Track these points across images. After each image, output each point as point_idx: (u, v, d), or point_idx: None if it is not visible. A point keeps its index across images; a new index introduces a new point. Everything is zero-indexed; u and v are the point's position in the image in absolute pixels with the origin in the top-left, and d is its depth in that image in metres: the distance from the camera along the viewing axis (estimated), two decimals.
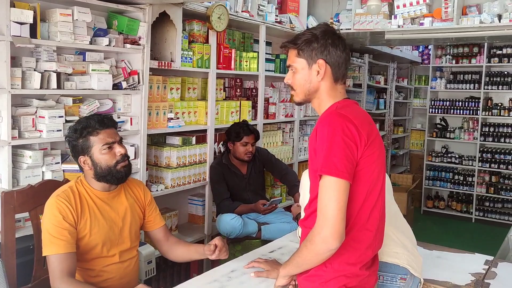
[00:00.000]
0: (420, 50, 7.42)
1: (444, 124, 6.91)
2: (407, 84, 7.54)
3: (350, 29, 4.41)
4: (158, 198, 2.51)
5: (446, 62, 6.81)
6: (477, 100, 6.52)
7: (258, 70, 3.93)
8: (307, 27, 4.48)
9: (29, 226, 2.23)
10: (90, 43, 2.61)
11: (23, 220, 2.36)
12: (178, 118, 3.24)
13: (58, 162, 2.54)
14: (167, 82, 3.21)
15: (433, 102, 6.87)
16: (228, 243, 3.28)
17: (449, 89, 6.79)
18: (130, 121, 2.85)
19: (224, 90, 3.79)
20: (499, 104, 6.45)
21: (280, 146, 4.30)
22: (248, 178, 3.50)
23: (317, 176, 1.50)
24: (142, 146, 2.92)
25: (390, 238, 1.83)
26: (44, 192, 1.99)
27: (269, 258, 2.07)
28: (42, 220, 1.85)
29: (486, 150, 6.43)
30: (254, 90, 4.03)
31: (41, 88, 2.39)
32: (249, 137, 3.39)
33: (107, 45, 2.68)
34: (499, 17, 3.83)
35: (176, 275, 3.23)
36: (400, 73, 7.45)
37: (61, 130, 2.46)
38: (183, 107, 3.33)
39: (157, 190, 3.08)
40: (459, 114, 6.66)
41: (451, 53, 6.75)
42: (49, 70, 2.43)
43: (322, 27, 1.63)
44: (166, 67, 3.07)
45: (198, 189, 3.63)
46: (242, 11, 3.71)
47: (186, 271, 3.24)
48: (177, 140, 3.33)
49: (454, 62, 6.75)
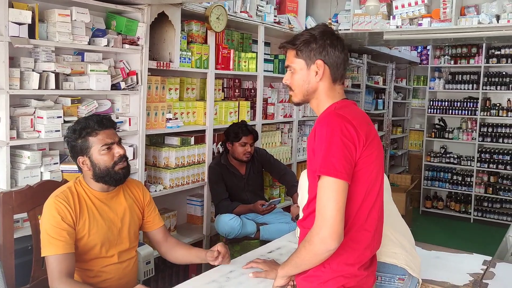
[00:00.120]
0: (418, 50, 7.42)
1: (442, 124, 6.92)
2: (406, 84, 7.55)
3: (348, 29, 4.42)
4: (156, 199, 2.51)
5: (444, 63, 6.82)
6: (475, 100, 6.53)
7: (256, 71, 3.93)
8: (306, 28, 4.49)
9: (27, 227, 2.23)
10: (89, 44, 2.61)
11: (22, 220, 2.36)
12: (176, 119, 3.24)
13: (57, 163, 2.54)
14: (166, 83, 3.21)
15: (431, 102, 6.88)
16: (226, 244, 3.30)
17: (447, 89, 6.81)
18: (128, 121, 2.85)
19: (222, 91, 3.79)
20: (498, 104, 6.46)
21: (278, 147, 4.30)
22: (246, 178, 3.50)
23: (315, 176, 1.50)
24: (141, 147, 2.92)
25: (388, 238, 1.83)
26: (42, 192, 1.99)
27: (267, 259, 2.07)
28: (40, 220, 1.85)
29: (484, 150, 6.45)
30: (252, 91, 4.03)
31: (39, 88, 2.39)
32: (247, 137, 3.39)
33: (106, 45, 2.68)
34: (497, 17, 3.83)
35: (174, 276, 3.23)
36: (398, 73, 7.45)
37: (59, 131, 2.46)
38: (182, 108, 3.33)
39: (155, 191, 3.08)
40: (458, 114, 6.67)
41: (450, 53, 6.77)
42: (47, 71, 2.43)
43: (321, 28, 1.63)
44: (165, 68, 3.08)
45: (196, 189, 3.63)
46: (240, 12, 3.71)
47: (185, 272, 3.24)
48: (175, 140, 3.32)
49: (452, 62, 6.77)
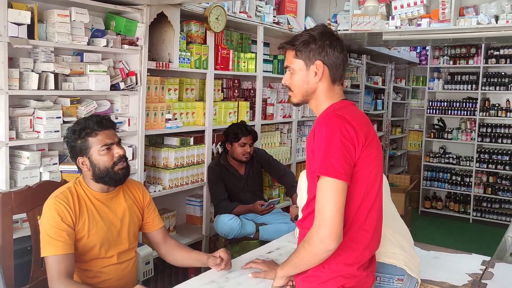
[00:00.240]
0: (417, 51, 7.42)
1: (441, 124, 6.93)
2: (405, 84, 7.56)
3: (347, 30, 4.42)
4: (156, 199, 2.50)
5: (443, 63, 6.83)
6: (474, 100, 6.54)
7: (256, 71, 3.94)
8: (305, 28, 4.50)
9: (26, 227, 2.23)
10: (88, 44, 2.61)
11: (21, 221, 2.36)
12: (176, 119, 3.24)
13: (56, 163, 2.54)
14: (165, 83, 3.21)
15: (430, 102, 6.89)
16: (226, 244, 3.30)
17: (446, 89, 6.82)
18: (128, 122, 2.85)
19: (222, 91, 3.79)
20: (497, 104, 6.47)
21: (278, 147, 4.30)
22: (246, 178, 3.50)
23: (315, 177, 1.50)
24: (140, 147, 2.92)
25: (387, 238, 1.84)
26: (41, 193, 1.98)
27: (266, 259, 2.07)
28: (40, 221, 1.85)
29: (483, 150, 6.45)
30: (252, 91, 4.03)
31: (38, 89, 2.39)
32: (247, 137, 3.39)
33: (105, 46, 2.68)
34: (496, 18, 3.84)
35: (174, 276, 3.23)
36: (398, 73, 7.46)
37: (58, 131, 2.46)
38: (181, 108, 3.33)
39: (155, 191, 3.08)
40: (457, 114, 6.67)
41: (449, 54, 6.78)
42: (46, 71, 2.43)
43: (320, 28, 1.63)
44: (164, 68, 3.08)
45: (196, 189, 3.63)
46: (240, 12, 3.71)
47: (184, 272, 3.24)
48: (175, 141, 3.32)
49: (451, 63, 6.78)
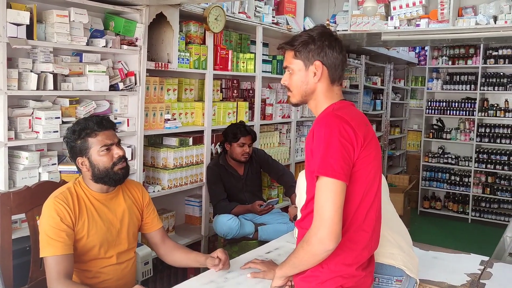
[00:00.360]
0: (416, 51, 7.44)
1: (440, 125, 6.93)
2: (404, 85, 7.57)
3: (346, 30, 4.42)
4: (155, 199, 2.51)
5: (442, 63, 6.84)
6: (473, 101, 6.55)
7: (255, 71, 3.94)
8: (304, 29, 4.50)
9: (25, 227, 2.22)
10: (87, 44, 2.61)
11: (20, 221, 2.36)
12: (175, 119, 3.24)
13: (55, 163, 2.54)
14: (164, 83, 3.21)
15: (429, 103, 6.89)
16: (225, 244, 3.30)
17: (445, 90, 6.83)
18: (127, 122, 2.85)
19: (221, 91, 3.79)
20: (495, 105, 6.48)
21: (277, 147, 4.30)
22: (245, 179, 3.51)
23: (313, 177, 1.50)
24: (139, 147, 2.92)
25: (386, 239, 1.84)
26: (40, 193, 1.98)
27: (265, 259, 2.07)
28: (39, 221, 1.85)
29: (482, 151, 6.46)
30: (251, 91, 4.03)
31: (37, 89, 2.39)
32: (246, 138, 3.39)
33: (104, 46, 2.68)
34: (495, 18, 3.84)
35: (173, 276, 3.23)
36: (396, 74, 7.47)
37: (57, 131, 2.46)
38: (180, 108, 3.33)
39: (154, 191, 3.08)
40: (456, 115, 6.68)
41: (447, 54, 6.79)
42: (45, 71, 2.43)
43: (319, 29, 1.64)
44: (163, 68, 3.08)
45: (195, 190, 3.63)
46: (239, 12, 3.71)
47: (183, 272, 3.24)
48: (174, 141, 3.32)
49: (450, 63, 6.79)
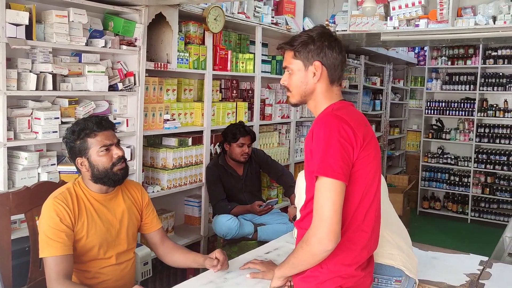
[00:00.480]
0: (416, 51, 7.44)
1: (440, 125, 6.94)
2: (403, 85, 7.57)
3: (346, 30, 4.42)
4: (154, 199, 2.50)
5: (441, 64, 6.84)
6: (472, 101, 6.55)
7: (254, 72, 3.94)
8: (303, 29, 4.51)
9: (24, 228, 2.23)
10: (86, 45, 2.61)
11: (19, 221, 2.36)
12: (174, 120, 3.24)
13: (54, 164, 2.53)
14: (163, 84, 3.21)
15: (429, 103, 6.89)
16: (224, 244, 3.30)
17: (444, 90, 6.83)
18: (126, 122, 2.85)
19: (220, 92, 3.79)
20: (494, 105, 6.48)
21: (276, 147, 4.30)
22: (244, 179, 3.51)
23: (313, 177, 1.51)
24: (138, 148, 2.92)
25: (385, 239, 1.84)
26: (39, 193, 1.98)
27: (265, 259, 2.07)
28: (39, 221, 1.85)
29: (481, 151, 6.46)
30: (250, 92, 4.03)
31: (36, 89, 2.39)
32: (245, 138, 3.39)
33: (103, 46, 2.68)
34: (494, 18, 3.85)
35: (172, 277, 3.23)
36: (396, 74, 7.48)
37: (57, 132, 2.46)
38: (179, 109, 3.33)
39: (153, 192, 3.08)
40: (455, 115, 6.68)
41: (447, 54, 6.79)
42: (45, 72, 2.43)
43: (319, 29, 1.64)
44: (162, 69, 3.08)
45: (194, 190, 3.63)
46: (238, 13, 3.71)
47: (183, 273, 3.24)
48: (173, 141, 3.32)
49: (449, 63, 6.79)
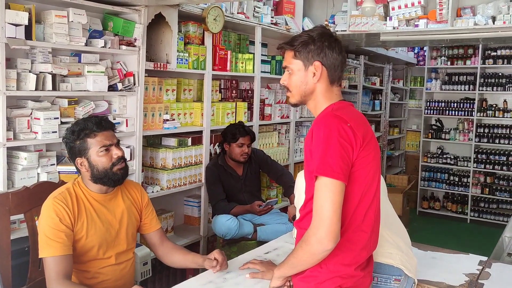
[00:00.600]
0: (415, 51, 7.45)
1: (439, 125, 6.94)
2: (403, 85, 7.57)
3: (345, 30, 4.43)
4: (153, 200, 2.51)
5: (441, 64, 6.84)
6: (472, 101, 6.55)
7: (254, 72, 3.94)
8: (303, 29, 4.51)
9: (24, 228, 2.23)
10: (86, 45, 2.61)
11: (18, 222, 2.36)
12: (173, 120, 3.24)
13: (54, 164, 2.53)
14: (163, 84, 3.21)
15: (428, 103, 6.90)
16: (224, 244, 3.30)
17: (444, 90, 6.83)
18: (125, 122, 2.85)
19: (220, 92, 3.79)
20: (494, 105, 6.48)
21: (276, 147, 4.30)
22: (244, 179, 3.51)
23: (312, 177, 1.51)
24: (138, 148, 2.92)
25: (384, 239, 1.84)
26: (39, 193, 1.98)
27: (264, 259, 2.07)
28: (38, 221, 1.85)
29: (481, 151, 6.46)
30: (250, 92, 4.03)
31: (36, 89, 2.39)
32: (245, 138, 3.39)
33: (103, 46, 2.68)
34: (493, 19, 3.85)
35: (172, 277, 3.23)
36: (395, 74, 7.48)
37: (56, 132, 2.46)
38: (179, 109, 3.33)
39: (152, 192, 3.08)
40: (454, 115, 6.69)
41: (446, 54, 6.79)
42: (44, 72, 2.43)
43: (319, 29, 1.64)
44: (162, 69, 3.08)
45: (194, 190, 3.63)
46: (237, 13, 3.71)
47: (182, 273, 3.24)
48: (172, 141, 3.32)
49: (449, 63, 6.79)
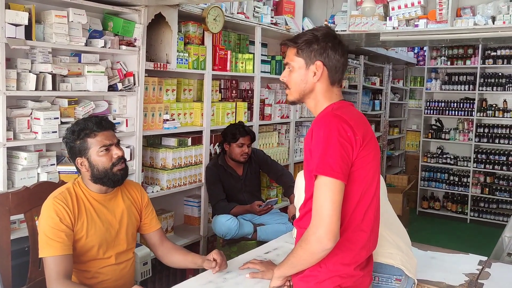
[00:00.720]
0: (415, 51, 7.44)
1: (439, 125, 6.94)
2: (403, 85, 7.57)
3: (345, 30, 4.42)
4: (153, 200, 2.51)
5: (441, 64, 6.85)
6: (472, 101, 6.55)
7: (253, 72, 3.94)
8: (303, 29, 4.51)
9: (24, 228, 2.23)
10: (86, 45, 2.61)
11: (18, 222, 2.36)
12: (173, 120, 3.24)
13: (54, 164, 2.54)
14: (163, 84, 3.21)
15: (428, 103, 6.90)
16: (224, 244, 3.31)
17: (444, 90, 6.83)
18: (125, 122, 2.85)
19: (219, 92, 3.79)
20: (494, 105, 6.48)
21: (276, 147, 4.30)
22: (244, 179, 3.51)
23: (312, 176, 1.51)
24: (138, 148, 2.92)
25: (384, 239, 1.84)
26: (39, 193, 1.98)
27: (264, 259, 2.08)
28: (39, 221, 1.85)
29: (481, 151, 6.47)
30: (250, 92, 4.03)
31: (36, 89, 2.39)
32: (245, 138, 3.39)
33: (103, 46, 2.68)
34: (493, 19, 3.85)
35: (171, 277, 3.23)
36: (395, 74, 7.48)
37: (56, 132, 2.46)
38: (179, 109, 3.34)
39: (152, 192, 3.08)
40: (454, 115, 6.69)
41: (446, 54, 6.79)
42: (44, 72, 2.43)
43: (324, 30, 1.64)
44: (162, 69, 3.08)
45: (194, 190, 3.63)
46: (237, 13, 3.71)
47: (182, 273, 3.24)
48: (172, 141, 3.32)
49: (449, 63, 6.79)
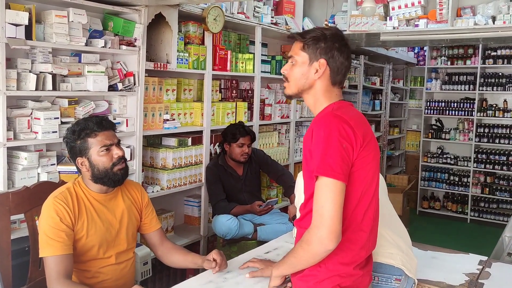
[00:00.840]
0: (415, 51, 7.44)
1: (439, 125, 6.94)
2: (403, 85, 7.57)
3: (345, 30, 4.42)
4: (154, 199, 2.51)
5: (441, 64, 6.84)
6: (472, 101, 6.55)
7: (254, 72, 3.94)
8: (303, 29, 4.51)
9: (24, 228, 2.23)
10: (86, 45, 2.61)
11: (19, 221, 2.36)
12: (174, 120, 3.24)
13: (54, 164, 2.54)
14: (163, 84, 3.21)
15: (428, 103, 6.90)
16: (224, 244, 3.31)
17: (444, 90, 6.83)
18: (125, 122, 2.85)
19: (220, 92, 3.79)
20: (494, 105, 6.48)
21: (276, 147, 4.30)
22: (244, 179, 3.51)
23: (311, 176, 1.51)
24: (138, 148, 2.92)
25: (384, 239, 1.84)
26: (39, 193, 1.98)
27: (264, 259, 2.07)
28: (39, 221, 1.85)
29: (481, 151, 6.47)
30: (250, 92, 4.03)
31: (36, 89, 2.39)
32: (245, 138, 3.39)
33: (103, 46, 2.68)
34: (493, 18, 3.84)
35: (172, 276, 3.23)
36: (395, 74, 7.48)
37: (56, 132, 2.46)
38: (179, 109, 3.34)
39: (153, 191, 3.08)
40: (454, 115, 6.69)
41: (446, 54, 6.79)
42: (44, 72, 2.43)
43: (333, 30, 1.65)
44: (162, 69, 3.08)
45: (194, 190, 3.63)
46: (238, 13, 3.71)
47: (182, 272, 3.24)
48: (173, 141, 3.32)
49: (449, 63, 6.79)
